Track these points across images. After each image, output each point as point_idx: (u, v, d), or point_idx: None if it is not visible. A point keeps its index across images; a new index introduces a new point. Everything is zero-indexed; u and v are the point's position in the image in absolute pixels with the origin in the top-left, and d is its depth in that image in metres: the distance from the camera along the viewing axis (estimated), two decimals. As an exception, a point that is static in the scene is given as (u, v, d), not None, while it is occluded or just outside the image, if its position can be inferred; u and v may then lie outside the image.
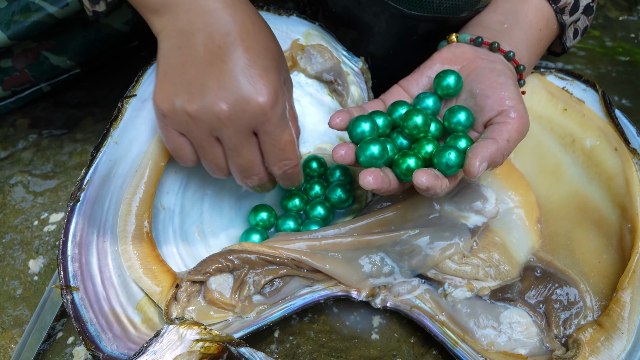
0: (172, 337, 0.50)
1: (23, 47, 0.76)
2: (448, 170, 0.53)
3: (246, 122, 0.54)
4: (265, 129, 0.55)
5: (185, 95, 0.53)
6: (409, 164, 0.53)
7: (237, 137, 0.54)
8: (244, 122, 0.53)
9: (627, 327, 0.58)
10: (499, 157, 0.53)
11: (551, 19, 0.64)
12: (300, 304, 0.59)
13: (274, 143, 0.56)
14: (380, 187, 0.52)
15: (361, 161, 0.54)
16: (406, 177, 0.54)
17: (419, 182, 0.50)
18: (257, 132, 0.55)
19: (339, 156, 0.54)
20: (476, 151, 0.52)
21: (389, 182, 0.53)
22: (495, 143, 0.53)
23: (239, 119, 0.53)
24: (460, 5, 0.62)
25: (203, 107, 0.53)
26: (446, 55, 0.60)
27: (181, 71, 0.54)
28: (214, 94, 0.53)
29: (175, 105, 0.54)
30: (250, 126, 0.54)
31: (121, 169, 0.59)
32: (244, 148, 0.55)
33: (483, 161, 0.52)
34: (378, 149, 0.53)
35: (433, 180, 0.51)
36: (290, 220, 0.66)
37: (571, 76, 0.69)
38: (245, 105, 0.53)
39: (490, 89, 0.56)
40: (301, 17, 0.70)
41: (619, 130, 0.64)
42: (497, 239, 0.64)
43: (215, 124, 0.54)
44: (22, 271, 0.67)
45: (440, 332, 0.59)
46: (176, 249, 0.62)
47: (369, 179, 0.51)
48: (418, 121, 0.55)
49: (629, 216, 0.62)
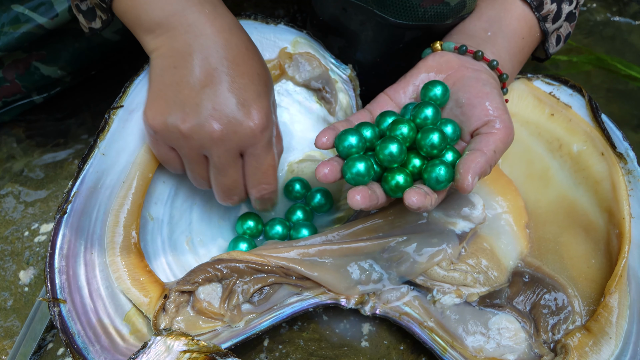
0: (159, 348, 0.50)
1: (13, 57, 0.76)
2: (438, 186, 0.53)
3: (236, 143, 0.56)
4: (252, 152, 0.57)
5: (179, 114, 0.55)
6: (397, 180, 0.53)
7: (225, 157, 0.56)
8: (234, 143, 0.55)
9: (615, 332, 0.58)
10: (487, 168, 0.54)
11: (534, 26, 0.64)
12: (289, 313, 0.59)
13: (257, 166, 0.58)
14: (368, 205, 0.52)
15: (347, 178, 0.53)
16: (395, 193, 0.54)
17: (410, 203, 0.51)
18: (243, 153, 0.57)
19: (322, 175, 0.53)
20: (467, 166, 0.52)
21: (377, 199, 0.53)
22: (484, 155, 0.53)
23: (230, 140, 0.55)
24: (445, 13, 0.62)
25: (196, 126, 0.55)
26: (431, 64, 0.61)
27: (176, 90, 0.55)
28: (208, 114, 0.54)
29: (168, 122, 0.56)
30: (239, 148, 0.56)
31: (109, 180, 0.59)
32: (230, 168, 0.57)
33: (475, 176, 0.52)
34: (364, 166, 0.53)
35: (423, 200, 0.51)
36: (278, 225, 0.66)
37: (558, 81, 0.69)
38: (237, 127, 0.55)
39: (477, 99, 0.57)
40: (289, 25, 0.70)
41: (605, 135, 0.65)
42: (485, 245, 0.64)
43: (207, 143, 0.55)
44: (12, 282, 0.68)
45: (429, 338, 0.60)
46: (165, 259, 0.62)
47: (357, 198, 0.51)
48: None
49: (615, 221, 0.62)
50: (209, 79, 0.55)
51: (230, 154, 0.56)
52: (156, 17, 0.56)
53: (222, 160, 0.56)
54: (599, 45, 0.94)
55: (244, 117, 0.55)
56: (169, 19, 0.56)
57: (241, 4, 0.90)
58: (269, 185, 0.60)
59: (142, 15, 0.57)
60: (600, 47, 0.93)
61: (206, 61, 0.55)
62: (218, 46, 0.55)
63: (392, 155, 0.54)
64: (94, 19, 0.62)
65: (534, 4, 0.63)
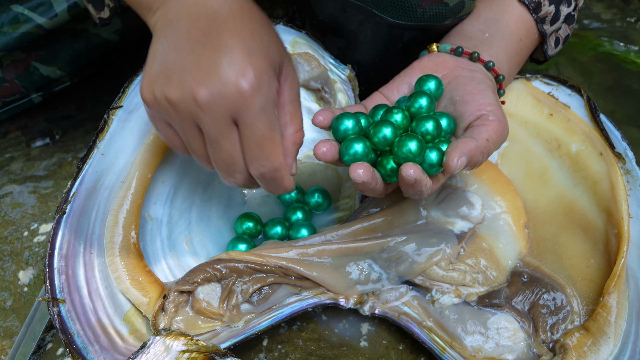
0: (158, 348, 0.50)
1: (13, 57, 0.76)
2: (430, 170, 0.53)
3: (225, 108, 0.49)
4: (244, 120, 0.50)
5: (164, 82, 0.50)
6: (392, 164, 0.53)
7: (216, 126, 0.50)
8: (222, 108, 0.49)
9: (614, 332, 0.58)
10: (478, 154, 0.53)
11: (532, 28, 0.64)
12: (289, 313, 0.59)
13: (250, 136, 0.51)
14: (369, 181, 0.51)
15: (345, 160, 0.53)
16: (390, 177, 0.53)
17: (407, 175, 0.49)
18: (237, 122, 0.51)
19: (320, 152, 0.52)
20: (455, 147, 0.52)
21: (376, 180, 0.52)
22: (474, 140, 0.53)
23: (217, 104, 0.49)
24: (444, 13, 0.62)
25: (181, 93, 0.50)
26: (427, 64, 0.61)
27: (163, 59, 0.51)
28: (192, 78, 0.49)
29: (156, 93, 0.51)
30: (229, 113, 0.50)
31: (108, 181, 0.59)
32: (224, 140, 0.51)
33: (462, 156, 0.51)
34: (362, 147, 0.52)
35: (420, 173, 0.50)
36: (278, 225, 0.66)
37: (557, 81, 0.69)
38: (222, 88, 0.49)
39: (470, 95, 0.57)
40: (287, 25, 0.70)
41: (604, 135, 0.65)
42: (484, 245, 0.64)
43: (194, 110, 0.50)
44: (12, 282, 0.68)
45: (428, 338, 0.60)
46: (164, 260, 0.62)
47: (359, 172, 0.50)
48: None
49: (614, 221, 0.62)
50: (195, 43, 0.50)
51: (221, 122, 0.50)
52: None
53: (214, 130, 0.50)
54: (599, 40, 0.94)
55: (229, 77, 0.48)
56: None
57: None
58: (267, 161, 0.52)
59: None
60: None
61: (193, 25, 0.50)
62: (208, 11, 0.50)
63: (385, 138, 0.53)
64: (102, 7, 0.61)
65: (532, 5, 0.63)
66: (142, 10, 0.55)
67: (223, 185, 0.68)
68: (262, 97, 0.50)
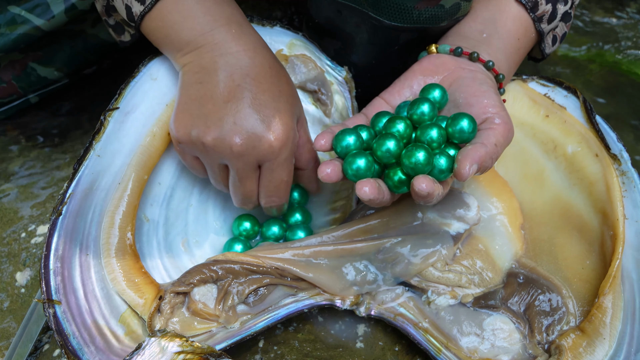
0: (153, 349, 0.50)
1: (10, 58, 0.77)
2: (440, 176, 0.53)
3: (255, 157, 0.57)
4: (269, 166, 0.59)
5: (202, 127, 0.57)
6: (400, 175, 0.53)
7: (244, 169, 0.58)
8: (253, 157, 0.57)
9: (609, 333, 0.58)
10: (488, 160, 0.53)
11: (529, 27, 0.64)
12: (285, 314, 0.60)
13: (271, 179, 0.60)
14: (376, 197, 0.51)
15: (349, 176, 0.53)
16: (398, 189, 0.53)
17: (420, 189, 0.50)
18: (261, 165, 0.59)
19: (324, 175, 0.53)
20: (466, 154, 0.52)
21: (383, 193, 0.53)
22: (484, 147, 0.53)
23: (249, 154, 0.57)
24: (440, 15, 0.62)
25: (219, 139, 0.57)
26: (427, 66, 0.61)
27: (200, 104, 0.57)
28: (229, 128, 0.56)
29: (192, 134, 0.58)
30: (258, 161, 0.58)
31: (104, 182, 0.59)
32: (248, 179, 0.59)
33: (473, 163, 0.52)
34: (364, 162, 0.52)
35: (432, 185, 0.50)
36: (275, 226, 0.66)
37: (553, 83, 0.69)
38: (257, 142, 0.56)
39: (474, 98, 0.57)
40: (284, 27, 0.70)
41: (599, 136, 0.65)
42: (480, 246, 0.64)
43: (227, 155, 0.57)
44: (9, 283, 0.68)
45: (424, 339, 0.60)
46: (160, 261, 0.63)
47: (365, 190, 0.51)
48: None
49: (609, 222, 0.62)
50: (232, 95, 0.57)
51: (249, 167, 0.58)
52: (185, 37, 0.59)
53: (241, 172, 0.59)
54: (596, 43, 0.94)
55: (263, 133, 0.56)
56: (197, 38, 0.59)
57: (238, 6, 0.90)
58: (279, 198, 0.62)
59: (173, 35, 0.59)
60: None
61: (230, 78, 0.57)
62: (242, 64, 0.58)
63: (389, 152, 0.53)
64: (122, 32, 0.65)
65: (529, 4, 0.63)
66: (169, 48, 0.61)
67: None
68: (288, 150, 0.58)
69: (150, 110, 0.62)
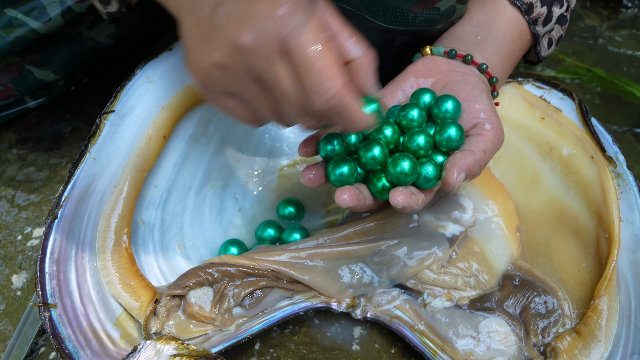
0: (149, 352, 0.50)
1: (7, 61, 0.77)
2: (426, 184, 0.54)
3: (271, 43, 0.46)
4: (290, 48, 0.46)
5: (205, 49, 0.48)
6: (384, 182, 0.54)
7: (270, 64, 0.47)
8: (269, 44, 0.46)
9: (605, 335, 0.59)
10: (476, 167, 0.54)
11: (524, 30, 0.64)
12: (280, 317, 0.60)
13: (302, 60, 0.46)
14: (355, 204, 0.52)
15: (332, 180, 0.54)
16: (382, 195, 0.54)
17: (395, 202, 0.51)
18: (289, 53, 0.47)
19: (307, 179, 0.53)
20: (454, 162, 0.53)
21: (364, 199, 0.53)
22: (472, 154, 0.54)
23: (262, 42, 0.46)
24: (436, 18, 0.62)
25: (225, 49, 0.47)
26: (420, 69, 0.61)
27: (196, 30, 0.49)
28: (229, 31, 0.47)
29: (202, 64, 0.49)
30: (277, 47, 0.46)
31: (100, 185, 0.59)
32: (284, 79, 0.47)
33: (461, 172, 0.52)
34: (348, 168, 0.53)
35: (408, 199, 0.52)
36: (271, 228, 0.67)
37: (548, 85, 0.70)
38: (262, 24, 0.46)
39: (465, 102, 0.57)
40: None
41: (595, 139, 0.65)
42: (476, 249, 0.64)
43: (243, 60, 0.47)
44: (5, 286, 0.68)
45: (420, 342, 0.60)
46: (156, 264, 0.63)
47: (345, 197, 0.52)
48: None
49: (605, 224, 0.62)
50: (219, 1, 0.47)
51: (274, 57, 0.46)
52: None
53: (270, 71, 0.47)
54: (591, 53, 0.94)
55: (266, 12, 0.45)
56: None
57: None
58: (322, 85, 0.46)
59: None
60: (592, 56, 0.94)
61: None
62: None
63: (374, 159, 0.54)
64: (109, 2, 0.60)
65: (524, 7, 0.63)
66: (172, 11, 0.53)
67: (216, 189, 0.68)
68: (302, 15, 0.46)
69: (146, 113, 0.62)
